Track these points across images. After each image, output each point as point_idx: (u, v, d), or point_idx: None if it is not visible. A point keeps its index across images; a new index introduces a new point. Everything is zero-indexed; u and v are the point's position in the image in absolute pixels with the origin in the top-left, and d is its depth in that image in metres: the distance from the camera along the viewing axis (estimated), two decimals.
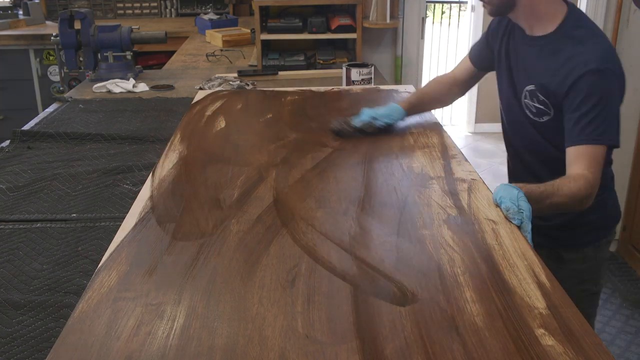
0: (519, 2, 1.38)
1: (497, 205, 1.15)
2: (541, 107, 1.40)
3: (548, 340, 0.78)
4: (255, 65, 2.76)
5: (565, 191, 1.23)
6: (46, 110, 2.15)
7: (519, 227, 1.09)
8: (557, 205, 1.24)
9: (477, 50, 1.64)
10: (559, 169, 1.32)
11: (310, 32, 2.74)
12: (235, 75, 2.55)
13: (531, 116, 1.43)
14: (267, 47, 2.87)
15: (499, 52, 1.54)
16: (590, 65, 1.29)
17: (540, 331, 0.80)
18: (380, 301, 0.88)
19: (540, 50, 1.40)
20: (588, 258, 1.52)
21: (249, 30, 3.32)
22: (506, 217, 1.11)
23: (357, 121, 1.59)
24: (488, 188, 1.27)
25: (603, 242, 1.55)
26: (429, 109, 1.77)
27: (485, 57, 1.61)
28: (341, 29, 2.72)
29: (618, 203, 1.59)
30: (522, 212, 1.10)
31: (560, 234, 1.39)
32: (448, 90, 1.72)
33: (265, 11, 2.83)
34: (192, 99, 2.05)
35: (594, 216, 1.46)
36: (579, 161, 1.29)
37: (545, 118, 1.40)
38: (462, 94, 1.75)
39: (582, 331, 0.80)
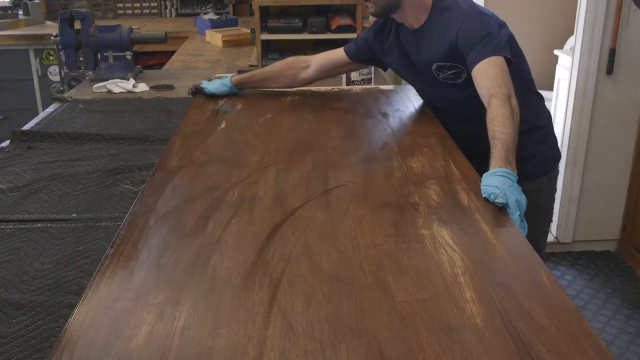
0: (404, 3, 1.56)
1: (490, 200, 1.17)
2: (454, 71, 1.57)
3: (548, 341, 0.78)
4: (255, 65, 2.76)
5: (500, 128, 1.29)
6: (46, 110, 2.15)
7: (504, 208, 1.13)
8: (513, 139, 1.28)
9: (353, 47, 1.80)
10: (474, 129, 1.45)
11: (310, 32, 2.74)
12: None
13: (454, 82, 1.59)
14: (267, 47, 2.87)
15: (390, 50, 1.71)
16: (464, 14, 1.52)
17: (540, 331, 0.80)
18: (380, 301, 0.88)
19: (429, 35, 1.58)
20: (542, 189, 1.68)
21: (249, 30, 3.33)
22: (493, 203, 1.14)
23: (202, 84, 1.95)
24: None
25: (552, 173, 1.73)
26: (262, 87, 1.97)
27: (365, 56, 1.80)
28: (341, 29, 2.72)
29: (557, 144, 1.76)
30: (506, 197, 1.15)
31: (521, 167, 1.43)
32: (291, 71, 1.88)
33: (265, 11, 2.83)
34: (192, 99, 2.05)
35: (542, 147, 1.67)
36: (483, 80, 1.41)
37: (463, 76, 1.56)
38: (315, 78, 1.88)
39: (582, 332, 0.80)
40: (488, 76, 1.41)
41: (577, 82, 2.81)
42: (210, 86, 1.95)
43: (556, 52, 3.20)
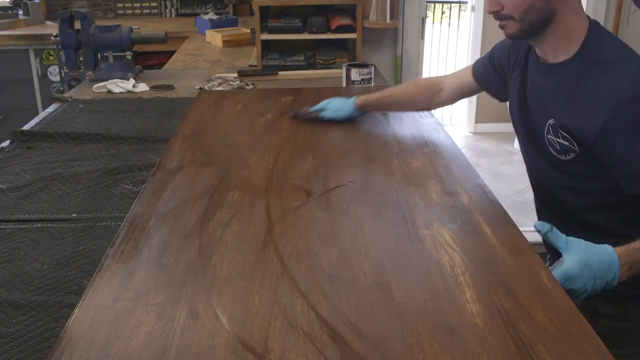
0: (555, 19, 1.16)
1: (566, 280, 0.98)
2: (565, 143, 1.19)
3: (548, 341, 0.78)
4: (255, 65, 2.76)
5: None
6: (46, 110, 2.15)
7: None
8: None
9: (482, 68, 1.47)
10: (584, 220, 1.21)
11: (310, 32, 2.73)
12: (235, 75, 2.55)
13: (555, 154, 1.22)
14: (267, 47, 2.87)
15: (513, 83, 1.35)
16: (625, 93, 1.07)
17: (540, 331, 0.80)
18: (380, 301, 0.88)
19: (559, 81, 1.20)
20: (630, 317, 1.26)
21: (249, 30, 3.32)
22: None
23: (321, 115, 1.68)
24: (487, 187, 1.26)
25: None
26: (390, 110, 1.73)
27: (491, 80, 1.45)
28: (341, 29, 2.72)
29: None
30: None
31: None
32: (425, 94, 1.61)
33: (265, 11, 2.83)
34: (192, 99, 2.05)
35: None
36: None
37: (571, 155, 1.19)
38: (449, 102, 1.61)
39: (582, 332, 0.80)
40: None
41: None
42: (329, 110, 1.66)
43: None
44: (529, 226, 1.16)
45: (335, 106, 1.67)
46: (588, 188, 1.21)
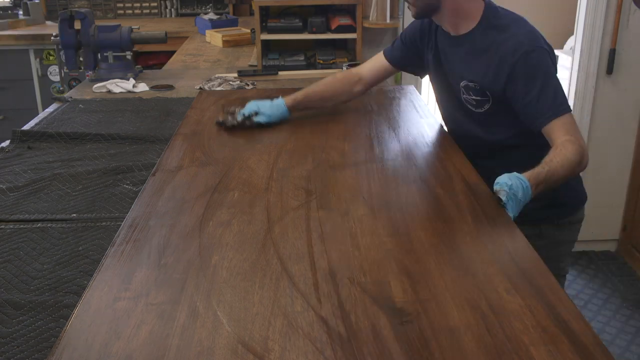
0: (443, 4, 1.41)
1: (497, 191, 1.16)
2: (479, 97, 1.44)
3: (548, 340, 0.78)
4: (255, 65, 2.76)
5: (560, 160, 1.24)
6: (46, 110, 2.15)
7: (504, 206, 1.13)
8: (559, 179, 1.24)
9: (397, 52, 1.67)
10: (503, 159, 1.41)
11: (310, 32, 2.73)
12: (235, 75, 2.55)
13: (472, 109, 1.47)
14: (267, 47, 2.87)
15: (427, 58, 1.58)
16: (520, 48, 1.34)
17: (539, 331, 0.80)
18: (380, 301, 0.88)
19: (468, 48, 1.44)
20: (545, 235, 1.51)
21: (249, 30, 3.33)
22: (497, 195, 1.14)
23: (239, 114, 1.64)
24: (488, 187, 1.26)
25: (564, 221, 1.56)
26: (318, 107, 1.76)
27: (410, 60, 1.66)
28: (341, 29, 2.72)
29: (583, 186, 1.60)
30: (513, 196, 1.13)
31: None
32: (348, 87, 1.74)
33: (265, 11, 2.83)
34: (192, 99, 2.05)
35: (550, 192, 1.37)
36: (557, 133, 1.31)
37: (486, 107, 1.44)
38: (365, 91, 1.77)
39: (582, 331, 0.80)
40: (567, 132, 1.31)
41: (577, 82, 2.81)
42: (263, 115, 1.65)
43: (556, 52, 3.20)
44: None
45: (267, 110, 1.66)
46: (499, 133, 1.47)
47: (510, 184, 1.14)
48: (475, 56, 1.43)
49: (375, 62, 1.72)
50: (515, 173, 1.18)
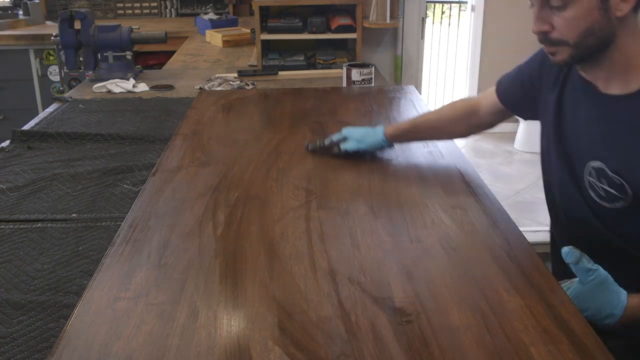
0: (614, 46, 0.98)
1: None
2: (613, 190, 1.01)
3: (548, 340, 0.78)
4: (255, 65, 2.76)
5: None
6: (46, 110, 2.15)
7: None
8: None
9: (508, 85, 1.28)
10: (625, 270, 1.00)
11: (310, 32, 2.73)
12: (235, 75, 2.55)
13: (596, 198, 1.05)
14: (267, 47, 2.87)
15: (546, 106, 1.17)
16: None
17: (539, 331, 0.80)
18: (380, 301, 0.88)
19: (622, 118, 1.00)
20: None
21: (249, 30, 3.32)
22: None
23: (328, 138, 1.44)
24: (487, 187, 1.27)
25: None
26: (428, 138, 1.45)
27: (519, 100, 1.27)
28: (341, 29, 2.72)
29: None
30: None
31: None
32: (462, 118, 1.38)
33: (265, 11, 2.83)
34: (192, 99, 2.05)
35: None
36: None
37: (618, 204, 1.02)
38: (486, 127, 1.38)
39: (582, 331, 0.80)
40: None
41: None
42: (352, 141, 1.41)
43: None
44: (529, 226, 1.17)
45: (358, 135, 1.41)
46: (631, 239, 1.05)
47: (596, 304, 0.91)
48: (632, 134, 0.97)
49: (488, 92, 1.35)
50: (617, 287, 0.94)
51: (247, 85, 2.38)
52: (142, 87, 2.40)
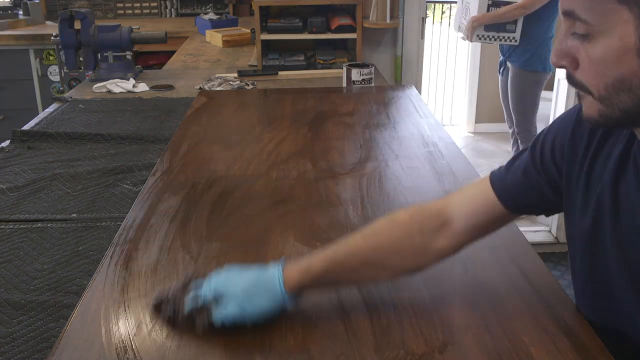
0: None
1: None
2: None
3: (548, 340, 0.78)
4: (255, 65, 2.76)
5: None
6: (46, 110, 2.15)
7: None
8: None
9: (511, 180, 0.86)
10: None
11: (310, 32, 2.73)
12: (235, 75, 2.55)
13: None
14: (267, 47, 2.87)
15: (571, 180, 0.81)
16: None
17: (539, 331, 0.80)
18: (380, 302, 0.88)
19: None
20: None
21: (249, 30, 3.32)
22: None
23: (217, 317, 0.80)
24: None
25: None
26: (360, 279, 0.89)
27: (531, 187, 0.85)
28: (341, 29, 2.72)
29: None
30: None
31: None
32: (420, 240, 0.86)
33: (265, 11, 2.83)
34: (192, 99, 2.05)
35: None
36: None
37: None
38: (456, 248, 0.88)
39: (582, 331, 0.80)
40: None
41: None
42: (230, 304, 0.80)
43: None
44: (528, 226, 1.16)
45: (240, 292, 0.81)
46: None
47: None
48: None
49: (475, 192, 0.88)
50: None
51: (247, 85, 2.38)
52: (142, 87, 2.40)
